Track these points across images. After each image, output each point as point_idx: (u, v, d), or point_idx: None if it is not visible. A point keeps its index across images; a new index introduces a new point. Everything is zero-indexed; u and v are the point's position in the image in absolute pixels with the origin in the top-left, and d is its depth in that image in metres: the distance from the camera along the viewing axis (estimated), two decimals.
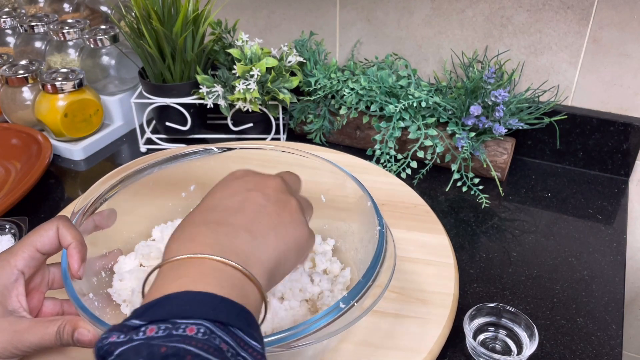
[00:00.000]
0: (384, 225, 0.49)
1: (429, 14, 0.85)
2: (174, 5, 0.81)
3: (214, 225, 0.37)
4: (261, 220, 0.38)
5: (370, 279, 0.44)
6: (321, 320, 0.40)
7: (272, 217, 0.39)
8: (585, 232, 0.71)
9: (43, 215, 0.74)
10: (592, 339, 0.55)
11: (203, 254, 0.34)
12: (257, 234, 0.37)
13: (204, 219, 0.37)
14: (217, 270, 0.33)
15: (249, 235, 0.37)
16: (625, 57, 0.76)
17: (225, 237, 0.36)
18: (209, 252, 0.34)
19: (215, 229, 0.36)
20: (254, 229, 0.37)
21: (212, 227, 0.36)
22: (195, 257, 0.34)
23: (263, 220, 0.38)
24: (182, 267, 0.33)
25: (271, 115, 0.86)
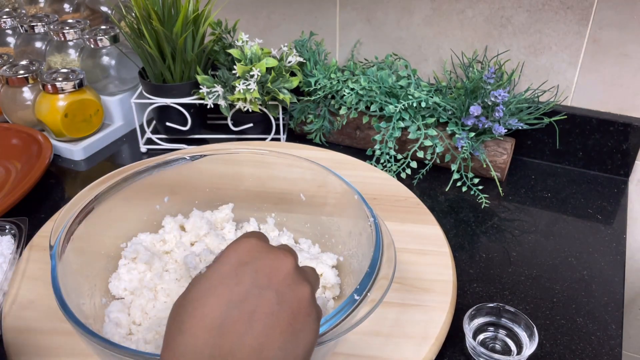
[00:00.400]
0: (375, 216, 0.50)
1: (429, 14, 0.85)
2: (174, 6, 0.81)
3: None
4: (271, 341, 0.33)
5: (375, 268, 0.45)
6: (339, 314, 0.40)
7: (284, 330, 0.34)
8: (585, 232, 0.71)
9: (43, 215, 0.74)
10: (592, 339, 0.55)
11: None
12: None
13: (208, 349, 0.32)
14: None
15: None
16: (625, 57, 0.76)
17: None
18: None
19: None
20: (263, 357, 0.33)
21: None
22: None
23: (273, 340, 0.33)
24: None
25: (271, 116, 0.86)
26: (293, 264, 0.37)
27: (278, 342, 0.34)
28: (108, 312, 0.53)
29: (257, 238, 0.38)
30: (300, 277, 0.37)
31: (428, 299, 0.57)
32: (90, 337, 0.40)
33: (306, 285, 0.37)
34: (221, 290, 0.34)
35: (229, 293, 0.34)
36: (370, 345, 0.52)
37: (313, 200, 0.61)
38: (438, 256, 0.62)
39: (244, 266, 0.36)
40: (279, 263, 0.36)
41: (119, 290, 0.55)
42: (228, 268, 0.35)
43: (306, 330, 0.35)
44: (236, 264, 0.36)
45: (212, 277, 0.35)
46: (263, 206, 0.65)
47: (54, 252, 0.48)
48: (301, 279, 0.37)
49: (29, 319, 0.54)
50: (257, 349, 0.33)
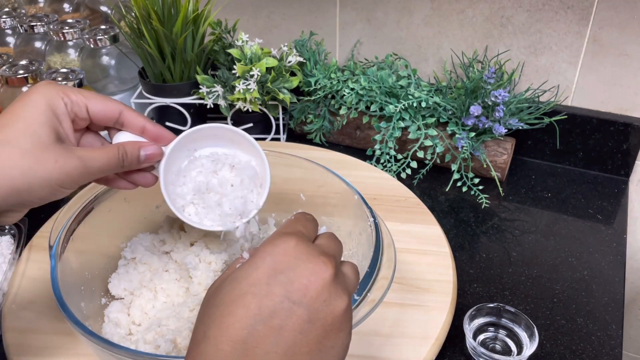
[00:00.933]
0: (375, 216, 0.50)
1: (429, 14, 0.85)
2: (174, 5, 0.81)
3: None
4: (297, 359, 0.32)
5: (375, 268, 0.45)
6: None
7: (312, 349, 0.32)
8: (585, 232, 0.71)
9: (43, 215, 0.74)
10: (592, 339, 0.55)
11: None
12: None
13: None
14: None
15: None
16: (625, 57, 0.76)
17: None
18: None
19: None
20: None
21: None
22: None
23: (300, 358, 0.32)
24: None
25: (271, 115, 0.86)
26: (332, 275, 0.34)
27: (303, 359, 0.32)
28: (107, 312, 0.53)
29: (297, 239, 0.35)
30: (337, 289, 0.34)
31: (428, 299, 0.57)
32: (90, 337, 0.40)
33: (343, 298, 0.34)
34: (250, 301, 0.32)
35: (258, 305, 0.32)
36: (370, 345, 0.52)
37: (313, 200, 0.61)
38: (438, 256, 0.62)
39: (277, 275, 0.33)
40: (317, 275, 0.33)
41: (118, 290, 0.55)
42: (260, 274, 0.33)
43: (337, 346, 0.34)
44: (269, 271, 0.33)
45: (242, 281, 0.33)
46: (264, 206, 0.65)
47: (53, 252, 0.48)
48: (339, 290, 0.34)
49: (28, 319, 0.54)
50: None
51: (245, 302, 0.32)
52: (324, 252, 0.35)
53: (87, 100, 0.43)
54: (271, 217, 0.65)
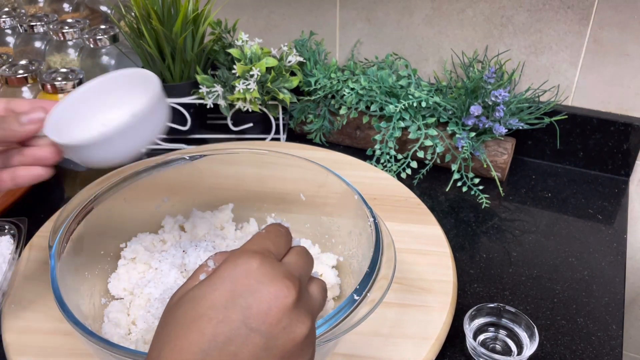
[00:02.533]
0: (375, 216, 0.50)
1: (429, 14, 0.85)
2: (173, 5, 0.81)
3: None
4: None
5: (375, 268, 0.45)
6: (339, 314, 0.40)
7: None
8: (585, 232, 0.71)
9: (43, 215, 0.74)
10: (593, 339, 0.55)
11: None
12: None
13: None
14: None
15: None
16: (626, 57, 0.76)
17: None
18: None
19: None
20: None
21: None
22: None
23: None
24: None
25: (271, 115, 0.86)
26: (294, 300, 0.32)
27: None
28: (107, 312, 0.53)
29: (261, 259, 0.33)
30: (300, 314, 0.32)
31: (428, 300, 0.57)
32: (89, 337, 0.40)
33: (305, 323, 0.32)
34: (205, 325, 0.31)
35: (213, 330, 0.31)
36: (370, 345, 0.52)
37: (313, 200, 0.61)
38: (438, 256, 0.62)
39: (236, 298, 0.31)
40: (277, 301, 0.32)
41: (118, 291, 0.55)
42: (218, 297, 0.32)
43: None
44: (228, 294, 0.32)
45: (200, 302, 0.32)
46: (263, 206, 0.65)
47: (53, 252, 0.48)
48: (301, 315, 0.32)
49: (28, 319, 0.54)
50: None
51: (201, 326, 0.31)
52: (289, 273, 0.33)
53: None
54: (271, 216, 0.65)
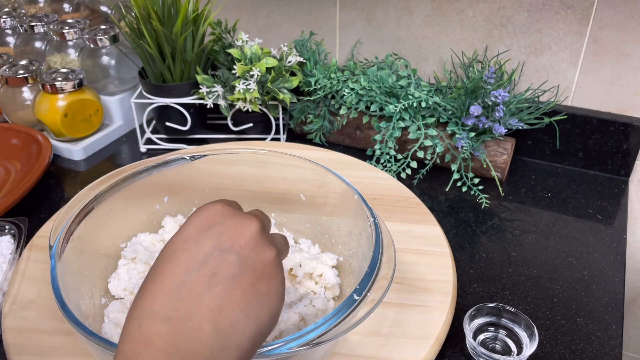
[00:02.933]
0: (375, 216, 0.50)
1: (429, 14, 0.85)
2: (174, 5, 0.81)
3: (175, 324, 0.32)
4: (231, 303, 0.33)
5: (375, 268, 0.45)
6: (338, 314, 0.40)
7: (246, 292, 0.34)
8: (585, 232, 0.71)
9: (43, 215, 0.74)
10: (592, 339, 0.55)
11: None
12: (224, 326, 0.32)
13: (165, 310, 0.32)
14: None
15: (214, 331, 0.32)
16: (625, 57, 0.76)
17: (186, 340, 0.31)
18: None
19: (176, 330, 0.32)
20: (221, 320, 0.32)
21: (172, 327, 0.32)
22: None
23: (234, 302, 0.33)
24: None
25: (271, 115, 0.86)
26: (258, 228, 0.37)
27: (238, 303, 0.33)
28: (107, 312, 0.53)
29: (223, 203, 0.38)
30: (265, 241, 0.37)
31: (428, 299, 0.56)
32: (90, 336, 0.40)
33: (271, 249, 0.37)
34: (181, 255, 0.35)
35: (190, 257, 0.34)
36: (370, 345, 0.52)
37: (313, 200, 0.61)
38: (438, 256, 0.62)
39: (206, 230, 0.36)
40: (243, 227, 0.36)
41: (118, 290, 0.55)
42: (190, 232, 0.36)
43: (271, 293, 0.36)
44: (199, 228, 0.36)
45: (175, 242, 0.36)
46: (263, 206, 0.65)
47: (53, 252, 0.48)
48: (266, 242, 0.37)
49: (28, 319, 0.54)
50: (215, 309, 0.33)
51: (178, 257, 0.34)
52: (250, 213, 0.39)
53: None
54: (271, 217, 0.65)
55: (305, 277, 0.56)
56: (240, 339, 0.33)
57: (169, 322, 0.32)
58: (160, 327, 0.32)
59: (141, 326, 0.32)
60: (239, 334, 0.33)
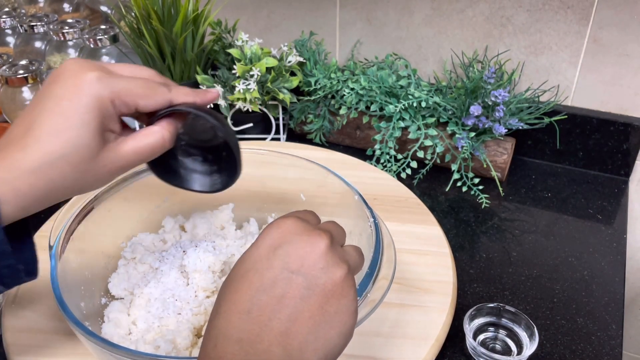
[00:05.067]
0: (375, 216, 0.50)
1: (429, 14, 0.85)
2: (174, 5, 0.81)
3: (247, 346, 0.33)
4: (300, 325, 0.34)
5: (375, 269, 0.45)
6: None
7: (314, 314, 0.34)
8: (585, 232, 0.71)
9: (43, 215, 0.74)
10: (592, 339, 0.55)
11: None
12: (294, 347, 0.33)
13: (237, 332, 0.33)
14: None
15: (283, 351, 0.33)
16: (625, 57, 0.76)
17: (256, 358, 0.33)
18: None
19: (248, 351, 0.33)
20: (291, 341, 0.33)
21: (244, 347, 0.33)
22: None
23: (302, 324, 0.34)
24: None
25: (271, 115, 0.86)
26: (326, 245, 0.36)
27: (307, 326, 0.34)
28: (107, 312, 0.53)
29: (294, 218, 0.38)
30: (335, 259, 0.36)
31: (428, 300, 0.56)
32: (89, 337, 0.40)
33: (342, 267, 0.36)
34: (252, 275, 0.35)
35: (260, 278, 0.35)
36: (370, 345, 0.52)
37: (313, 200, 0.61)
38: (438, 257, 0.62)
39: (276, 249, 0.36)
40: (312, 246, 0.36)
41: (118, 290, 0.55)
42: (261, 252, 0.36)
43: (341, 312, 0.35)
44: (269, 248, 0.36)
45: (246, 260, 0.36)
46: (264, 206, 0.65)
47: (53, 251, 0.48)
48: (336, 260, 0.36)
49: (28, 319, 0.54)
50: (284, 332, 0.33)
51: (249, 278, 0.35)
52: (320, 228, 0.38)
53: (138, 99, 0.41)
54: (271, 217, 0.65)
55: None
56: (311, 358, 0.34)
57: (241, 343, 0.33)
58: (234, 348, 0.33)
59: (216, 346, 0.33)
60: (308, 355, 0.34)
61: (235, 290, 0.35)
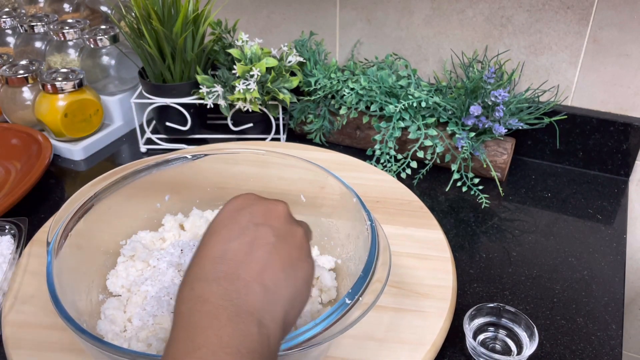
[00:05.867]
0: (373, 219, 0.50)
1: (429, 14, 0.85)
2: (174, 5, 0.81)
3: (225, 283, 0.35)
4: (272, 265, 0.37)
5: (369, 272, 0.44)
6: (330, 317, 0.40)
7: (283, 258, 0.37)
8: (585, 232, 0.71)
9: (43, 215, 0.74)
10: (592, 339, 0.55)
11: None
12: (269, 284, 0.36)
13: (214, 273, 0.35)
14: (236, 335, 0.32)
15: (261, 288, 0.35)
16: (625, 57, 0.76)
17: (237, 295, 0.34)
18: (225, 315, 0.33)
19: (227, 287, 0.34)
20: (266, 279, 0.36)
21: (223, 285, 0.35)
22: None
23: (274, 265, 0.37)
24: (199, 335, 0.32)
25: (271, 115, 0.86)
26: (286, 209, 0.41)
27: (278, 266, 0.37)
28: (104, 308, 0.53)
29: (251, 193, 0.42)
30: (293, 220, 0.41)
31: (426, 305, 0.56)
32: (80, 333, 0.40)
33: (299, 226, 0.41)
34: (220, 230, 0.38)
35: (228, 231, 0.38)
36: (365, 349, 0.51)
37: (313, 201, 0.61)
38: (439, 261, 0.61)
39: (240, 210, 0.40)
40: (273, 207, 0.41)
41: (116, 288, 0.55)
42: (225, 214, 0.40)
43: (302, 259, 0.39)
44: (233, 210, 0.40)
45: (213, 224, 0.39)
46: None
47: (50, 248, 0.48)
48: (294, 221, 0.41)
49: (27, 313, 0.55)
50: (260, 270, 0.36)
51: (218, 232, 0.38)
52: (276, 199, 0.42)
53: None
54: None
55: None
56: (284, 297, 0.36)
57: (219, 281, 0.35)
58: (212, 287, 0.34)
59: (193, 289, 0.35)
60: (283, 292, 0.36)
61: (206, 244, 0.38)
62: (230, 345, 0.32)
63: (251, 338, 0.33)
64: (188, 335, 0.32)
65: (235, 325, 0.32)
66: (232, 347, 0.31)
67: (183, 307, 0.34)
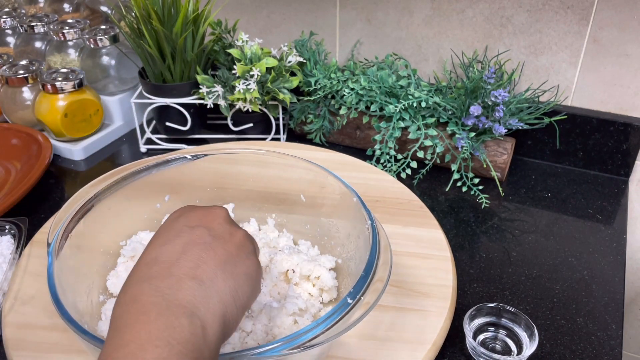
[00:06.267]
0: (373, 219, 0.50)
1: (429, 14, 0.85)
2: (174, 5, 0.81)
3: (157, 281, 0.35)
4: (207, 261, 0.37)
5: (370, 271, 0.44)
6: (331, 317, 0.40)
7: (219, 254, 0.38)
8: (585, 232, 0.71)
9: (43, 215, 0.74)
10: (592, 339, 0.55)
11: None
12: (204, 278, 0.36)
13: (146, 274, 0.36)
14: (165, 328, 0.32)
15: (195, 282, 0.35)
16: (625, 57, 0.76)
17: (169, 290, 0.34)
18: (154, 310, 0.33)
19: (159, 285, 0.35)
20: (200, 274, 0.36)
21: (154, 283, 0.35)
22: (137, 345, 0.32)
23: (209, 261, 0.37)
24: (128, 332, 0.32)
25: (271, 115, 0.86)
26: (224, 213, 0.41)
27: (213, 260, 0.37)
28: (105, 309, 0.53)
29: (191, 205, 0.43)
30: (233, 223, 0.41)
31: (427, 304, 0.56)
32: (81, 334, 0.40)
33: (240, 230, 0.41)
34: (157, 237, 0.40)
35: (164, 237, 0.39)
36: (366, 349, 0.51)
37: (314, 201, 0.61)
38: (439, 261, 0.61)
39: (177, 218, 0.41)
40: (210, 211, 0.41)
41: (116, 288, 0.55)
42: (164, 225, 0.41)
43: (242, 256, 0.39)
44: (170, 220, 0.41)
45: (153, 237, 0.40)
46: (264, 206, 0.65)
47: (51, 248, 0.48)
48: (234, 224, 0.41)
49: (28, 314, 0.54)
50: (193, 267, 0.36)
51: (156, 239, 0.40)
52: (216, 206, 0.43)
53: None
54: (271, 217, 0.65)
55: (302, 278, 0.56)
56: (221, 290, 0.36)
57: (151, 280, 0.35)
58: (143, 287, 0.35)
59: (126, 292, 0.35)
60: (220, 285, 0.36)
61: (143, 252, 0.39)
62: (160, 338, 0.32)
63: (181, 329, 0.33)
64: (118, 334, 0.33)
65: (164, 319, 0.33)
66: (162, 340, 0.32)
67: (117, 310, 0.35)
